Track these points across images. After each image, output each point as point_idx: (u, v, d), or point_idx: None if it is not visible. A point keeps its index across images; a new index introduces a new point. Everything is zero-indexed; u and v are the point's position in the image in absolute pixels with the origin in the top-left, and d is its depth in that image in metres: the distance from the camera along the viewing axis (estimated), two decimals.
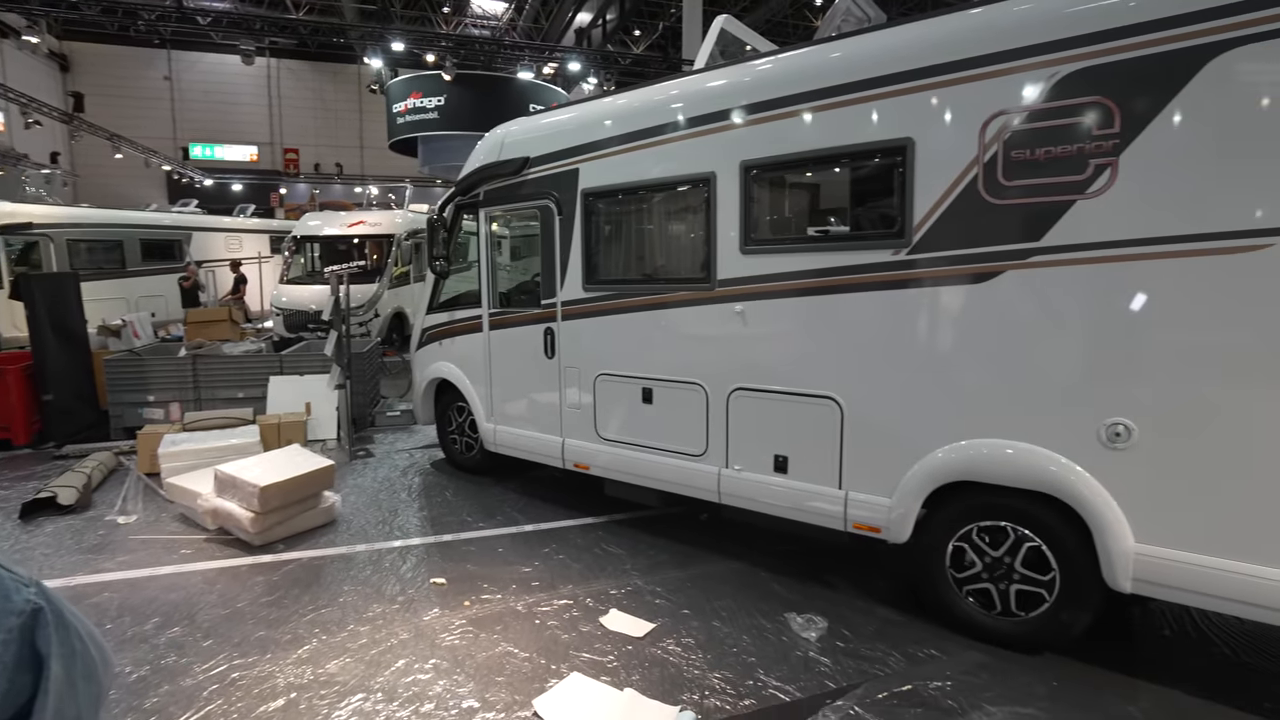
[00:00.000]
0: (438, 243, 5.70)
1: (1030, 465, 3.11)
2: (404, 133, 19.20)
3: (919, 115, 3.29)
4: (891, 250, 3.39)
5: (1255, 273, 2.60)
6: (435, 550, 4.60)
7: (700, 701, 2.99)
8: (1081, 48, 2.87)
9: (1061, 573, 3.15)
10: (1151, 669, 3.21)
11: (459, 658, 3.33)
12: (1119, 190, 2.82)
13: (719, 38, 4.67)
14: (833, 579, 4.11)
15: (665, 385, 4.38)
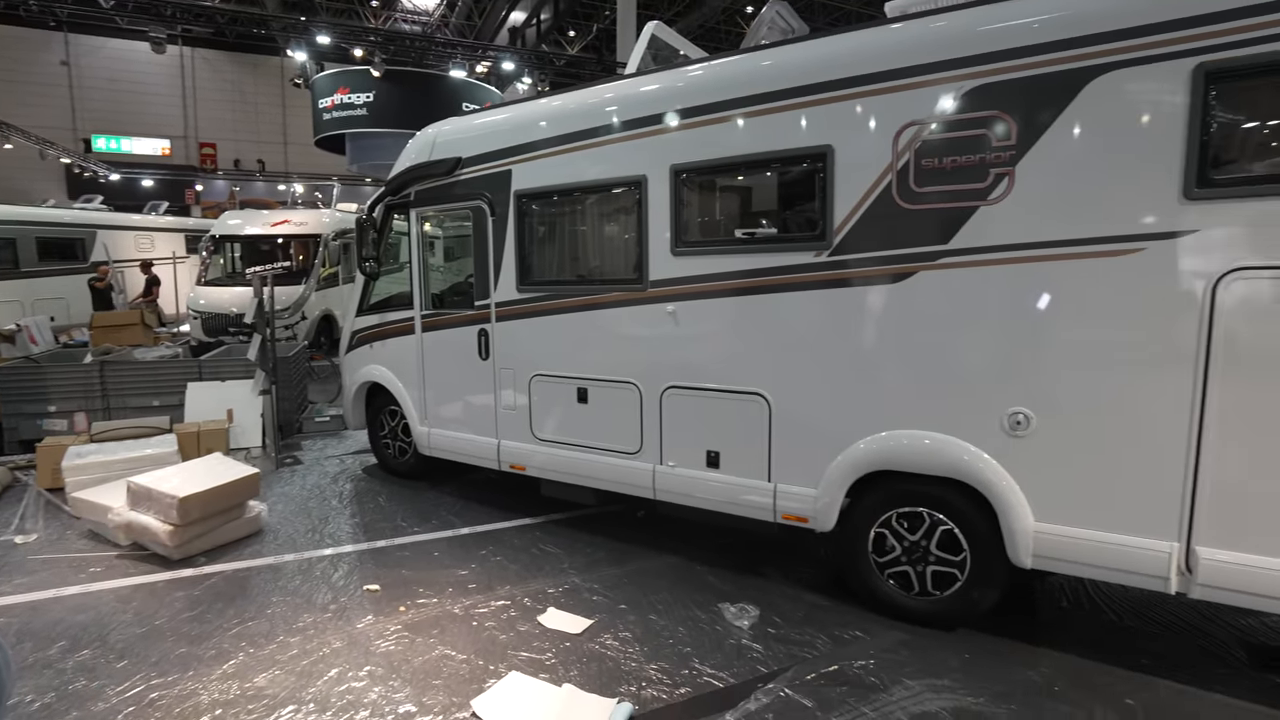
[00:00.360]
0: (367, 243, 5.58)
1: (944, 454, 3.33)
2: (331, 129, 18.52)
3: (838, 124, 3.46)
4: (814, 252, 3.55)
5: (1131, 274, 2.87)
6: (368, 557, 4.51)
7: (638, 693, 3.06)
8: (982, 65, 3.10)
9: (972, 553, 3.38)
10: (1051, 637, 3.49)
11: (394, 664, 3.29)
12: (1016, 197, 3.06)
13: (650, 43, 4.77)
14: (765, 569, 4.26)
15: (600, 385, 4.44)
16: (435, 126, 5.35)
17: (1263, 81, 2.66)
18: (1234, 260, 2.70)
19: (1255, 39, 2.60)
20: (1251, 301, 2.69)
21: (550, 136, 4.53)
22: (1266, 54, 2.59)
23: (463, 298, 5.22)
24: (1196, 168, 2.73)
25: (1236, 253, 2.70)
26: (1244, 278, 2.69)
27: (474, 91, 19.60)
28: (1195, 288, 2.77)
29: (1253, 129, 2.76)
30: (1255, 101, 2.72)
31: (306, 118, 21.28)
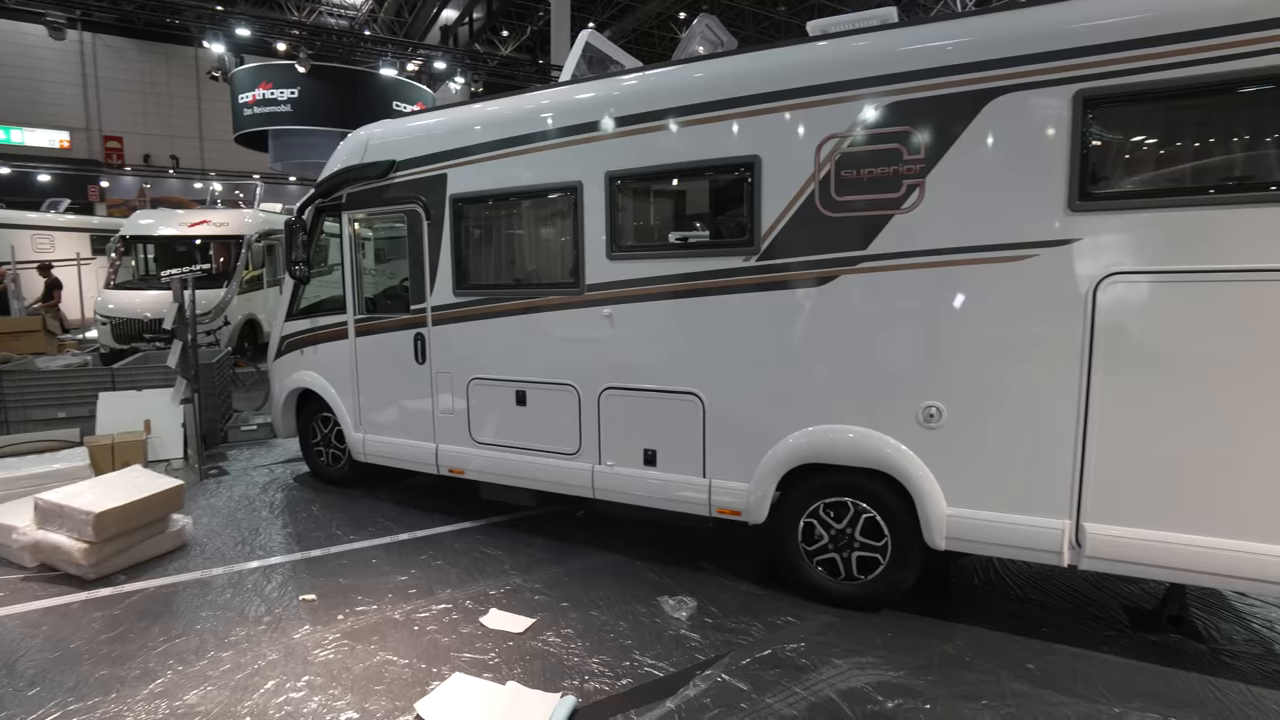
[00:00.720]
0: (297, 246, 5.45)
1: (866, 446, 3.56)
2: (252, 125, 17.81)
3: (765, 135, 3.64)
4: (743, 257, 3.73)
5: (1026, 278, 3.16)
6: (303, 567, 4.41)
7: (581, 686, 3.14)
8: (896, 84, 3.34)
9: (892, 538, 3.62)
10: (964, 613, 3.77)
11: (334, 672, 3.26)
12: (926, 207, 3.31)
13: (584, 51, 4.86)
14: (702, 562, 4.42)
15: (538, 387, 4.50)
16: (368, 129, 5.27)
17: (1131, 108, 2.99)
18: (1111, 265, 3.01)
19: (1124, 70, 2.92)
20: (1126, 302, 3.01)
21: (486, 141, 4.55)
22: (1133, 84, 2.91)
23: (398, 302, 5.17)
24: (1079, 182, 3.03)
25: (1113, 259, 3.01)
26: (1119, 281, 3.00)
27: (405, 90, 19.21)
28: (1079, 290, 3.07)
29: (1124, 149, 3.08)
30: (1126, 125, 3.05)
31: (225, 112, 20.34)
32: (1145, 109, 3.00)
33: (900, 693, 3.07)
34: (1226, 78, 2.79)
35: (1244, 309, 2.84)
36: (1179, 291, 2.94)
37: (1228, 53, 2.78)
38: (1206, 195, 2.89)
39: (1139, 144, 3.08)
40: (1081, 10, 3.05)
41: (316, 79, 17.04)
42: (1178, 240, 2.92)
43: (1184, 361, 2.94)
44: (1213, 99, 2.89)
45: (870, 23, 3.65)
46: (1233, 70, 2.77)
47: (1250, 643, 3.49)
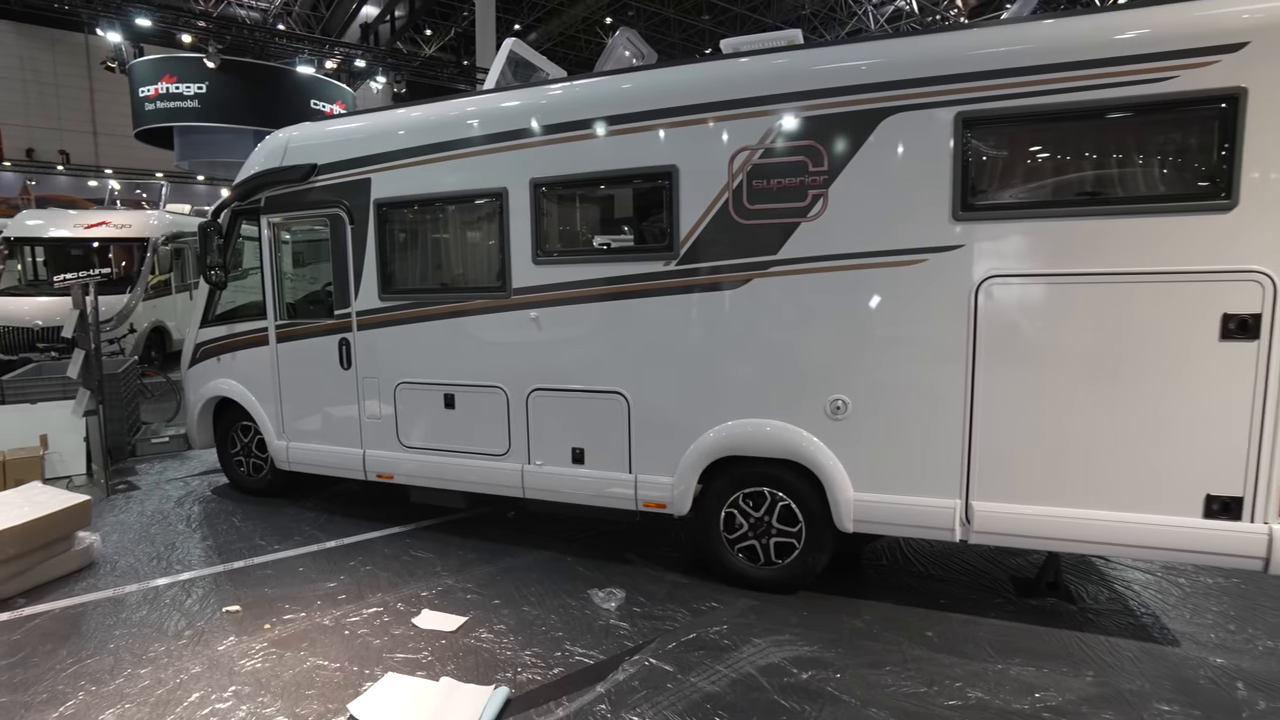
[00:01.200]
0: (212, 250, 5.29)
1: (780, 438, 3.81)
2: (154, 121, 16.76)
3: (683, 146, 3.85)
4: (663, 261, 3.92)
5: (917, 280, 3.48)
6: (225, 579, 4.31)
7: (514, 677, 3.24)
8: (800, 101, 3.60)
9: (806, 524, 3.89)
10: (873, 590, 4.08)
11: (263, 680, 3.24)
12: (829, 215, 3.59)
13: (508, 58, 4.95)
14: (630, 555, 4.58)
15: (467, 390, 4.55)
16: (287, 131, 5.18)
17: (1004, 128, 3.35)
18: (989, 269, 3.36)
19: (997, 96, 3.27)
20: (1002, 302, 3.36)
21: (411, 146, 4.57)
22: (1005, 108, 3.27)
23: (321, 307, 5.10)
24: (961, 194, 3.37)
25: (991, 263, 3.37)
26: (996, 283, 3.36)
27: (324, 88, 18.59)
28: (962, 291, 3.41)
29: (999, 165, 3.44)
30: (1000, 143, 3.41)
31: (121, 105, 19.01)
32: (1016, 129, 3.37)
33: (813, 665, 3.32)
34: (1085, 105, 3.17)
35: (1102, 307, 3.24)
36: (1047, 292, 3.31)
37: (1085, 84, 3.16)
38: (1069, 207, 3.27)
39: (1011, 160, 3.44)
40: (961, 40, 3.40)
41: (227, 74, 16.23)
42: (1046, 246, 3.29)
43: (1053, 354, 3.32)
44: (1073, 123, 3.28)
45: (779, 43, 3.92)
46: (1090, 99, 3.16)
47: (1112, 601, 3.94)
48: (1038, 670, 3.28)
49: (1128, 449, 3.27)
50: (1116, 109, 3.16)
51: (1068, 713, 2.98)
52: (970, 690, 3.13)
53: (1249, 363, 3.08)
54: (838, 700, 3.06)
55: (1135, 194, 3.22)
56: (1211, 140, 3.08)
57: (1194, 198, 3.12)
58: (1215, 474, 3.18)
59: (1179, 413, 3.19)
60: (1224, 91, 3.00)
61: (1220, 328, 3.10)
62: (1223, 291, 3.08)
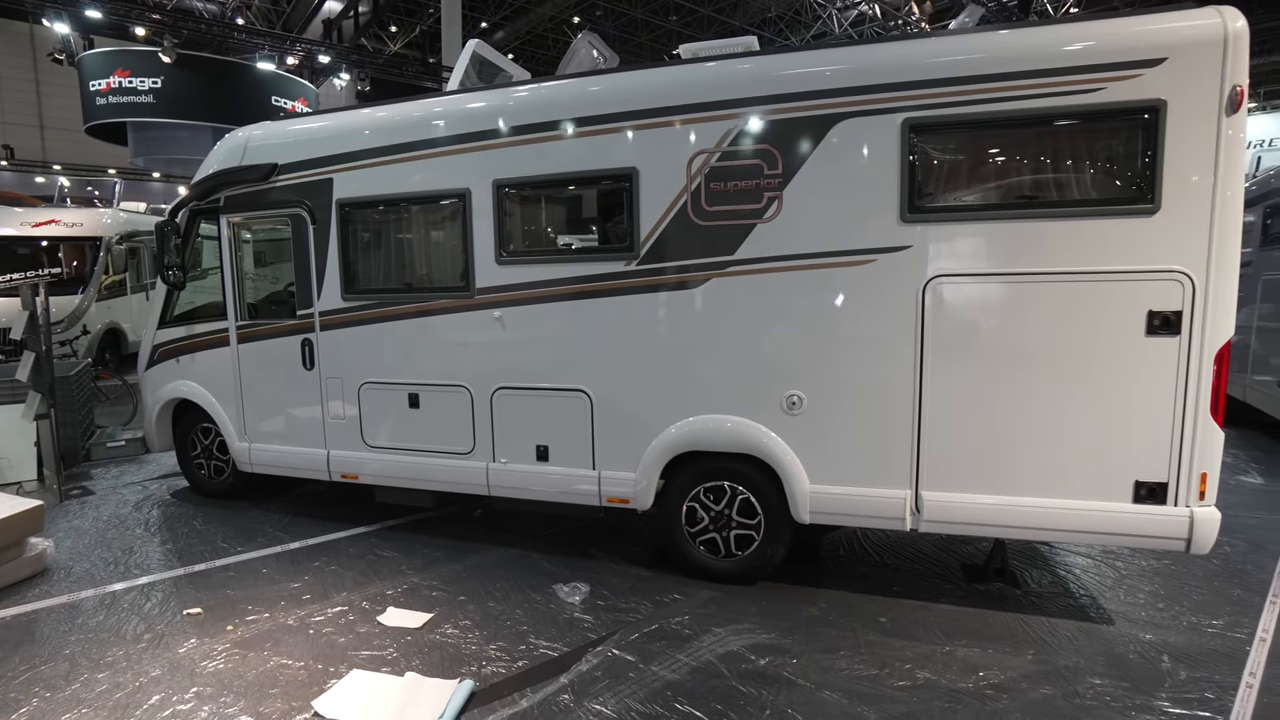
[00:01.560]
0: (170, 250, 5.22)
1: (739, 433, 3.92)
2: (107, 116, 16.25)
3: (643, 149, 3.94)
4: (624, 261, 4.00)
5: (868, 280, 3.62)
6: (186, 582, 4.27)
7: (479, 671, 3.30)
8: (756, 106, 3.72)
9: (765, 516, 4.01)
10: (830, 580, 4.23)
11: (225, 680, 3.24)
12: (784, 217, 3.71)
13: (472, 60, 4.99)
14: (595, 551, 4.66)
15: (431, 389, 4.58)
16: (247, 130, 5.14)
17: (946, 135, 3.51)
18: (936, 269, 3.52)
19: (939, 103, 3.43)
20: (948, 300, 3.52)
21: (374, 147, 4.58)
22: (948, 115, 3.43)
23: (283, 307, 5.07)
24: (907, 197, 3.52)
25: (937, 263, 3.52)
26: (942, 282, 3.52)
27: (285, 84, 18.25)
28: (910, 291, 3.56)
29: (943, 170, 3.60)
30: (943, 150, 3.57)
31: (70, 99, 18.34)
32: (959, 136, 3.53)
33: (770, 651, 3.44)
34: (1021, 113, 3.35)
35: (1040, 305, 3.42)
36: (990, 291, 3.48)
37: (1021, 93, 3.34)
38: (1009, 210, 3.45)
39: (955, 165, 3.60)
40: (907, 50, 3.55)
41: (184, 68, 15.81)
42: (988, 247, 3.46)
43: (996, 350, 3.49)
44: (1011, 130, 3.45)
45: (735, 49, 4.03)
46: (1026, 107, 3.33)
47: (1054, 584, 4.15)
48: (983, 651, 3.45)
49: (1064, 439, 3.46)
50: (1050, 118, 3.35)
51: (1008, 689, 3.14)
52: (919, 671, 3.28)
53: (1171, 357, 3.29)
54: (793, 684, 3.18)
55: (1069, 198, 3.41)
56: (1136, 148, 3.27)
57: (1121, 202, 3.31)
58: (1143, 462, 3.39)
59: (1110, 405, 3.39)
60: (1146, 103, 3.19)
61: (1146, 324, 3.30)
62: (1148, 290, 3.28)
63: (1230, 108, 3.12)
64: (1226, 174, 3.17)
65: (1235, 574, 4.30)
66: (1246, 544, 4.77)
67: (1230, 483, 6.17)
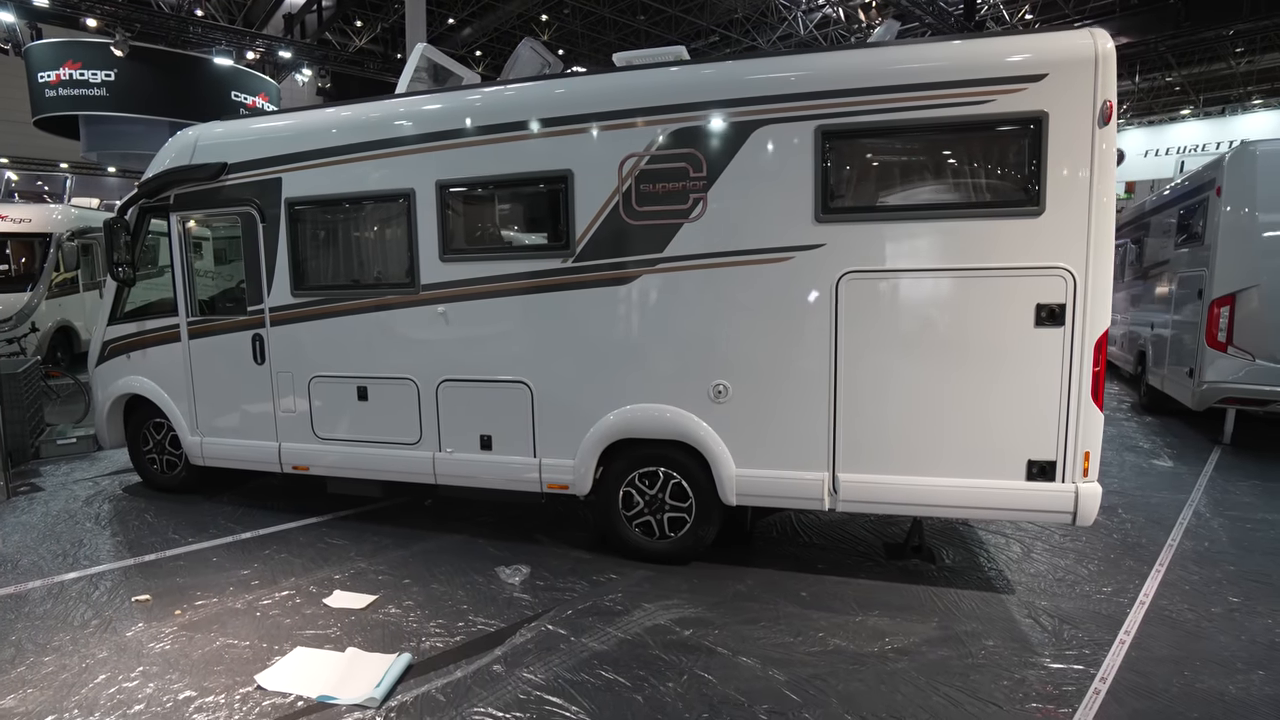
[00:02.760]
0: (119, 247, 5.28)
1: (670, 421, 4.16)
2: (57, 109, 15.88)
3: (577, 152, 4.14)
4: (561, 259, 4.21)
5: (786, 276, 3.88)
6: (136, 571, 4.38)
7: (418, 645, 3.48)
8: (682, 113, 3.95)
9: (695, 499, 4.25)
10: (760, 559, 4.49)
11: (171, 660, 3.37)
12: (708, 217, 3.95)
13: (420, 63, 5.14)
14: (540, 536, 4.87)
15: (379, 382, 4.74)
16: (197, 129, 5.22)
17: (855, 142, 3.78)
18: (847, 266, 3.79)
19: (848, 112, 3.70)
20: (858, 294, 3.80)
21: (322, 148, 4.71)
22: (856, 123, 3.70)
23: (234, 303, 5.17)
24: (821, 199, 3.78)
25: (848, 260, 3.79)
26: (853, 278, 3.79)
27: (245, 80, 18.03)
28: (825, 285, 3.83)
29: (852, 174, 3.87)
30: (851, 155, 3.84)
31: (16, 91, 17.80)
32: (867, 142, 3.81)
33: (695, 624, 3.68)
34: (922, 122, 3.63)
35: (941, 299, 3.71)
36: (896, 285, 3.76)
37: (921, 103, 3.62)
38: (913, 211, 3.73)
39: (864, 169, 3.88)
40: (819, 62, 3.82)
41: (139, 62, 15.52)
42: (894, 245, 3.74)
43: (902, 340, 3.77)
44: (914, 137, 3.74)
45: (666, 58, 4.26)
46: (926, 116, 3.61)
47: (966, 559, 4.47)
48: (891, 620, 3.73)
49: (965, 422, 3.75)
50: (948, 126, 3.64)
51: (909, 652, 3.43)
52: (831, 639, 3.55)
53: (1057, 346, 3.60)
54: (713, 652, 3.42)
55: (966, 201, 3.70)
56: (1024, 155, 3.58)
57: (1012, 204, 3.62)
58: (1034, 442, 3.70)
59: (1005, 390, 3.69)
60: (1031, 114, 3.50)
61: (1034, 316, 3.61)
62: (1036, 285, 3.59)
63: (1101, 120, 3.44)
64: (1100, 180, 3.49)
65: (1131, 547, 4.67)
66: (1145, 520, 5.17)
67: (1143, 465, 6.61)
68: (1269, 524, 5.07)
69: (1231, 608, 3.86)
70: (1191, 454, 6.98)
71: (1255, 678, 3.20)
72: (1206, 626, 3.66)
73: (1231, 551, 4.60)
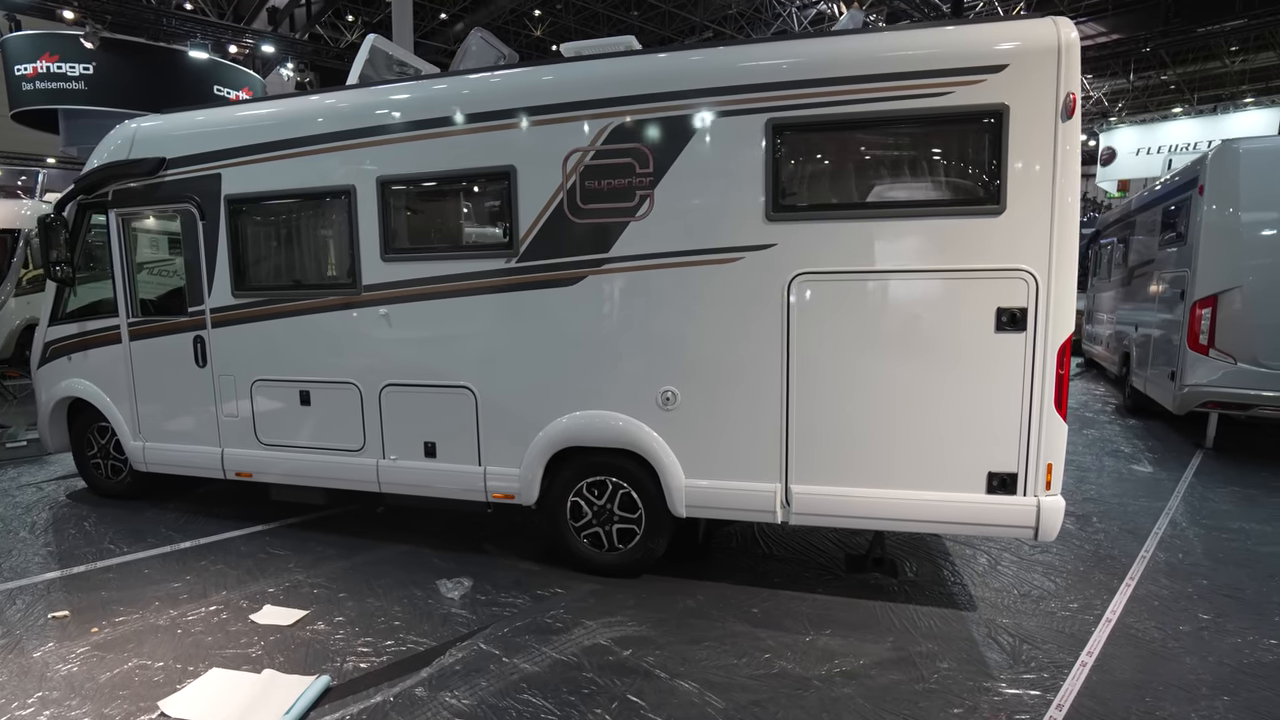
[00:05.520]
0: (58, 246, 5.08)
1: (617, 429, 3.97)
2: (35, 102, 15.57)
3: (520, 147, 3.95)
4: (504, 259, 4.02)
5: (737, 277, 3.69)
6: (61, 585, 4.19)
7: (340, 666, 3.30)
8: (628, 105, 3.75)
9: (645, 510, 4.07)
10: (714, 572, 4.31)
11: (76, 684, 3.19)
12: (656, 215, 3.76)
13: (370, 54, 4.94)
14: (489, 546, 4.69)
15: (321, 386, 4.55)
16: (136, 122, 5.03)
17: (808, 136, 3.59)
18: (799, 267, 3.60)
19: (800, 105, 3.51)
20: (811, 298, 3.61)
21: (261, 142, 4.52)
22: (807, 116, 3.51)
23: (175, 304, 4.99)
24: (772, 196, 3.59)
25: (801, 261, 3.61)
26: (805, 280, 3.60)
27: (228, 73, 17.75)
28: (776, 288, 3.64)
29: (805, 170, 3.68)
30: (804, 150, 3.65)
31: None
32: (820, 137, 3.62)
33: (636, 644, 3.50)
34: (877, 115, 3.44)
35: (898, 303, 3.52)
36: (851, 288, 3.57)
37: (877, 95, 3.43)
38: (868, 209, 3.54)
39: (817, 165, 3.69)
40: (769, 52, 3.64)
41: (117, 55, 15.26)
42: (848, 246, 3.55)
43: (857, 347, 3.58)
44: (869, 131, 3.55)
45: (617, 48, 4.07)
46: (882, 109, 3.42)
47: (930, 573, 4.29)
48: (844, 640, 3.55)
49: (922, 433, 3.57)
50: (905, 120, 3.45)
51: (858, 675, 3.24)
52: (778, 660, 3.37)
53: (1019, 353, 3.42)
54: (650, 675, 3.24)
55: (924, 198, 3.51)
56: (983, 151, 3.39)
57: (971, 203, 3.43)
58: (994, 454, 3.51)
59: (964, 399, 3.51)
60: (990, 107, 3.31)
61: (995, 320, 3.42)
62: (996, 288, 3.41)
63: (1065, 113, 3.25)
64: (1063, 177, 3.30)
65: (1103, 559, 4.50)
66: (1120, 529, 4.99)
67: (1123, 471, 6.44)
68: (1244, 534, 4.90)
69: (1201, 625, 3.69)
70: (1173, 459, 6.81)
71: (1219, 704, 3.02)
72: (1173, 647, 3.49)
73: (1205, 564, 4.43)
